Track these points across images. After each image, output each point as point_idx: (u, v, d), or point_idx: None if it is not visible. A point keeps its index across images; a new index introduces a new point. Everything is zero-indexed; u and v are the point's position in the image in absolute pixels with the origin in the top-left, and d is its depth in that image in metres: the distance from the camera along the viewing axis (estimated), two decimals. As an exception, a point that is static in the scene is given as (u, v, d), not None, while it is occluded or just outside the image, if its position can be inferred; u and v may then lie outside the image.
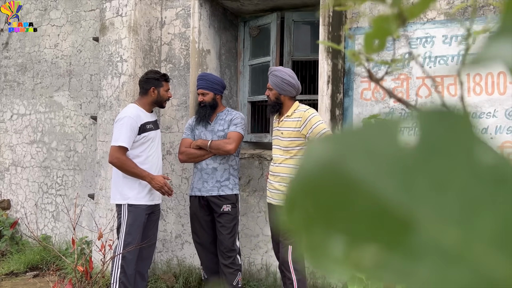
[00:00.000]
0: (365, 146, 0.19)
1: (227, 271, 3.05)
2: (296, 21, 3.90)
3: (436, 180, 0.18)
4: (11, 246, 4.58)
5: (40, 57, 4.82)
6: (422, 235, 0.17)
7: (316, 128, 2.74)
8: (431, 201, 0.17)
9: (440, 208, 0.17)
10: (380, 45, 0.38)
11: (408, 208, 0.17)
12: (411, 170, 0.18)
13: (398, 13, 0.35)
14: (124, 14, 3.74)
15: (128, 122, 2.86)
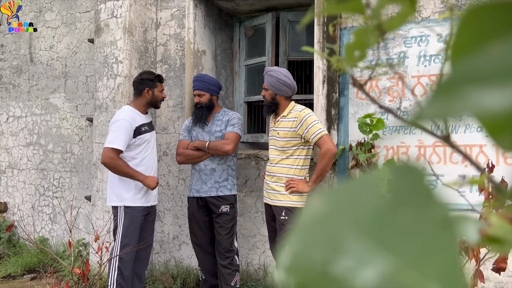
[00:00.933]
0: (348, 201, 0.23)
1: (225, 271, 3.06)
2: (291, 21, 3.90)
3: (401, 229, 0.21)
4: (8, 249, 4.57)
5: (36, 59, 4.80)
6: (388, 279, 0.20)
7: (311, 128, 2.74)
8: (397, 247, 0.20)
9: (403, 253, 0.20)
10: (360, 56, 0.39)
11: (378, 255, 0.21)
12: (383, 220, 0.22)
13: (377, 25, 0.36)
14: (119, 16, 3.73)
15: (123, 125, 2.86)
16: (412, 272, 0.20)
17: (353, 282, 0.20)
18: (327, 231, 0.22)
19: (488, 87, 0.21)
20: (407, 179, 0.23)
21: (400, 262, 0.20)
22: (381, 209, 0.22)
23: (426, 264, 0.20)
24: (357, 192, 0.23)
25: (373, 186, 0.23)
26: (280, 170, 2.85)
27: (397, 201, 0.22)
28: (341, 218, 0.22)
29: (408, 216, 0.21)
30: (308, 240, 0.22)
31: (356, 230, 0.22)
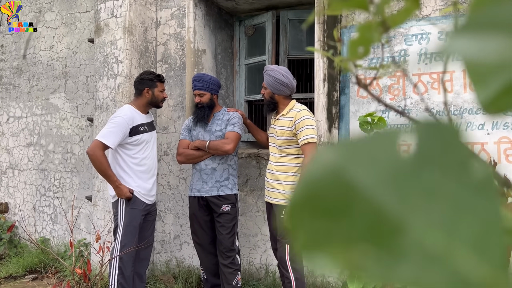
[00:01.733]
0: (365, 155, 0.21)
1: (226, 271, 3.05)
2: (292, 20, 3.89)
3: (427, 189, 0.20)
4: (10, 250, 4.57)
5: (36, 59, 4.80)
6: (409, 238, 0.19)
7: (302, 131, 2.73)
8: (421, 208, 0.19)
9: (428, 214, 0.19)
10: (364, 52, 0.39)
11: (399, 214, 0.19)
12: (406, 179, 0.20)
13: (381, 21, 0.36)
14: (119, 15, 3.72)
15: (119, 122, 2.86)
16: (437, 233, 0.18)
17: (368, 238, 0.19)
18: (339, 183, 0.20)
19: (477, 37, 0.21)
20: (437, 138, 0.21)
21: (424, 222, 0.19)
22: (403, 166, 0.20)
23: (456, 227, 0.18)
24: (373, 146, 0.21)
25: (393, 143, 0.21)
26: (280, 168, 2.84)
27: (423, 159, 0.20)
28: (356, 170, 0.20)
29: (436, 176, 0.20)
30: (316, 190, 0.21)
31: (373, 184, 0.20)
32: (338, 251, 0.20)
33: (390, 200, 0.20)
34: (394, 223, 0.19)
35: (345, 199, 0.20)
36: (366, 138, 0.22)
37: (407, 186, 0.20)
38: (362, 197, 0.20)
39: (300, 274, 2.78)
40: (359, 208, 0.20)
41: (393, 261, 0.19)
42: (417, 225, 0.19)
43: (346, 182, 0.20)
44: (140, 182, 2.98)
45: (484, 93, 0.21)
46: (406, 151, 0.21)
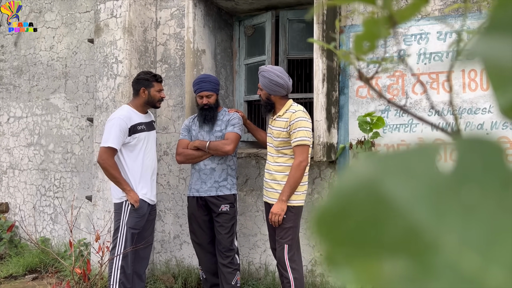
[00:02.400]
0: (403, 168, 0.20)
1: (225, 270, 3.06)
2: (291, 20, 3.90)
3: (465, 207, 0.19)
4: (10, 249, 4.58)
5: (36, 60, 4.81)
6: (443, 257, 0.18)
7: (295, 133, 2.73)
8: (457, 227, 0.19)
9: (464, 234, 0.18)
10: (370, 47, 0.38)
11: (435, 231, 0.19)
12: (444, 195, 0.19)
13: (389, 16, 0.35)
14: (118, 15, 3.73)
15: (117, 123, 2.87)
16: (471, 253, 0.18)
17: (399, 253, 0.19)
18: (373, 195, 0.20)
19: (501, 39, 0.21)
20: (479, 154, 0.20)
21: (459, 240, 0.18)
22: (441, 181, 0.20)
23: (491, 247, 0.18)
24: (411, 159, 0.21)
25: (432, 156, 0.21)
26: (277, 169, 2.84)
27: (463, 175, 0.19)
28: (391, 183, 0.20)
29: (475, 193, 0.19)
30: (349, 201, 0.20)
31: (408, 198, 0.19)
32: (365, 264, 0.19)
33: (425, 216, 0.19)
34: (428, 240, 0.19)
35: (379, 212, 0.20)
36: (404, 151, 0.21)
37: (444, 203, 0.19)
38: (396, 211, 0.20)
39: (299, 274, 2.79)
40: (393, 222, 0.19)
41: (423, 278, 0.18)
42: (452, 244, 0.18)
43: (381, 194, 0.20)
44: (142, 184, 2.99)
45: (504, 98, 0.21)
46: (445, 168, 0.20)
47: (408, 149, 0.21)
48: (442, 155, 0.21)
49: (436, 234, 0.19)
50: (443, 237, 0.19)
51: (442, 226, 0.19)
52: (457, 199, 0.19)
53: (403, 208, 0.19)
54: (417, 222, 0.19)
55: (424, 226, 0.19)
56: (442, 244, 0.18)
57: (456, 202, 0.19)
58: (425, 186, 0.20)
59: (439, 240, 0.19)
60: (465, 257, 0.18)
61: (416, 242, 0.19)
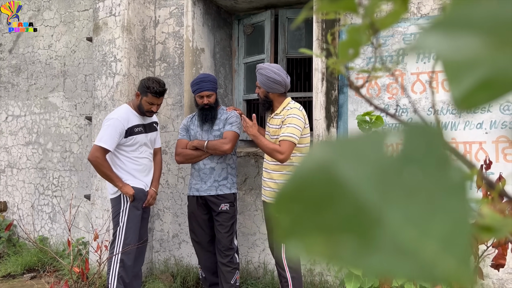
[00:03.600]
0: (354, 152, 0.23)
1: (225, 269, 3.06)
2: (290, 18, 3.89)
3: (407, 187, 0.21)
4: (8, 248, 4.57)
5: (34, 58, 4.80)
6: (385, 231, 0.20)
7: (284, 128, 2.69)
8: (399, 205, 0.21)
9: (405, 211, 0.20)
10: (354, 54, 0.40)
11: (379, 209, 0.21)
12: (388, 176, 0.21)
13: (370, 23, 0.36)
14: (117, 14, 3.72)
15: (114, 124, 2.86)
16: (410, 228, 0.20)
17: (346, 229, 0.21)
18: (326, 176, 0.22)
19: (453, 35, 0.22)
20: (421, 139, 0.22)
21: (400, 217, 0.20)
22: (387, 164, 0.22)
23: (428, 223, 0.20)
24: (363, 144, 0.23)
25: (381, 142, 0.23)
26: (274, 167, 2.83)
27: (406, 158, 0.22)
28: (343, 165, 0.22)
29: (417, 174, 0.21)
30: (304, 182, 0.22)
31: (357, 179, 0.21)
32: (316, 239, 0.21)
33: (372, 196, 0.21)
34: (373, 218, 0.21)
35: (330, 192, 0.22)
36: (356, 137, 0.23)
37: (389, 184, 0.21)
38: (346, 191, 0.21)
39: (297, 273, 2.78)
40: (342, 201, 0.21)
41: (368, 251, 0.20)
42: (394, 220, 0.20)
43: (333, 176, 0.22)
44: (137, 181, 2.99)
45: (458, 89, 0.22)
46: (393, 150, 0.22)
47: (360, 135, 0.23)
48: (391, 141, 0.23)
49: (380, 211, 0.21)
50: (386, 214, 0.20)
51: (386, 205, 0.21)
52: (400, 179, 0.21)
53: (352, 188, 0.21)
54: (364, 201, 0.21)
55: (370, 205, 0.21)
56: (385, 220, 0.20)
57: (399, 182, 0.21)
58: (373, 168, 0.22)
59: (382, 217, 0.20)
60: (405, 231, 0.20)
61: (362, 219, 0.21)
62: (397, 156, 0.22)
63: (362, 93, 0.45)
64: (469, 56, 0.22)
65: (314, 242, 0.21)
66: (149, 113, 3.01)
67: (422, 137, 0.22)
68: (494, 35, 0.22)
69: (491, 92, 0.22)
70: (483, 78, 0.22)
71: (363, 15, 0.36)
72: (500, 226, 0.28)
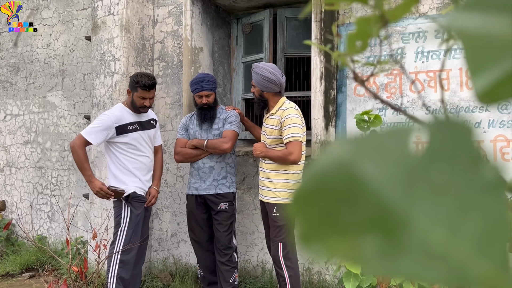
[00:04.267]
0: (376, 150, 0.21)
1: (223, 268, 3.06)
2: (289, 18, 3.89)
3: (435, 186, 0.20)
4: (7, 247, 4.57)
5: (33, 57, 4.79)
6: (412, 233, 0.19)
7: (287, 130, 2.70)
8: (427, 205, 0.20)
9: (433, 211, 0.19)
10: (362, 46, 0.39)
11: (405, 209, 0.20)
12: (414, 175, 0.20)
13: (380, 15, 0.35)
14: (116, 13, 3.72)
15: (104, 121, 2.87)
16: (440, 229, 0.19)
17: (370, 231, 0.20)
18: (348, 176, 0.21)
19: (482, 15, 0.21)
20: (449, 135, 0.21)
21: (428, 218, 0.19)
22: (412, 162, 0.20)
23: (459, 224, 0.19)
24: (385, 142, 0.22)
25: (405, 139, 0.21)
26: (270, 167, 2.83)
27: (433, 156, 0.20)
28: (365, 164, 0.21)
29: (445, 173, 0.20)
30: (324, 182, 0.21)
31: (381, 179, 0.20)
32: (338, 241, 0.20)
33: (397, 196, 0.20)
34: (399, 218, 0.20)
35: (352, 191, 0.21)
36: (377, 134, 0.22)
37: (415, 183, 0.20)
38: (369, 191, 0.20)
39: (295, 272, 2.78)
40: (365, 201, 0.20)
41: (394, 254, 0.19)
42: (422, 221, 0.19)
43: (354, 175, 0.21)
44: (136, 180, 2.99)
45: (482, 81, 0.21)
46: (418, 148, 0.21)
47: (382, 132, 0.22)
48: (415, 138, 0.22)
49: (406, 212, 0.20)
50: (413, 215, 0.19)
51: (412, 205, 0.20)
52: (427, 178, 0.20)
53: (375, 188, 0.20)
54: (389, 201, 0.20)
55: (395, 205, 0.20)
56: (412, 221, 0.19)
57: (426, 181, 0.20)
58: (397, 167, 0.21)
59: (409, 218, 0.19)
60: (434, 233, 0.19)
61: (388, 220, 0.20)
62: (423, 153, 0.21)
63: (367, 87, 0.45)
64: (497, 41, 0.20)
65: (337, 245, 0.20)
66: (143, 108, 2.99)
67: (449, 133, 0.21)
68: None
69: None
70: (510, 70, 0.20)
71: (373, 6, 0.35)
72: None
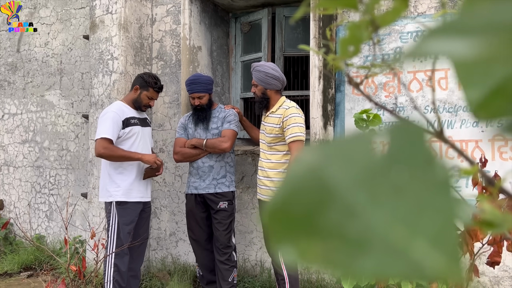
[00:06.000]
0: (342, 155, 0.23)
1: (223, 267, 3.06)
2: (287, 17, 3.89)
3: (395, 187, 0.21)
4: (5, 247, 4.56)
5: (31, 56, 4.78)
6: (374, 233, 0.20)
7: (289, 129, 2.71)
8: (388, 205, 0.21)
9: (394, 211, 0.21)
10: (355, 51, 0.40)
11: (368, 210, 0.21)
12: (376, 177, 0.22)
13: (371, 20, 0.36)
14: (114, 12, 3.71)
15: (111, 116, 2.87)
16: (399, 228, 0.20)
17: (338, 234, 0.21)
18: (317, 182, 0.22)
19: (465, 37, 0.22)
20: (406, 138, 0.22)
21: (389, 218, 0.20)
22: (375, 165, 0.22)
23: (417, 222, 0.20)
24: (350, 146, 0.23)
25: (368, 143, 0.23)
26: (269, 165, 2.84)
27: (393, 158, 0.22)
28: (332, 169, 0.22)
29: (403, 174, 0.21)
30: (296, 189, 0.22)
31: (346, 183, 0.22)
32: (309, 245, 0.21)
33: (360, 198, 0.21)
34: (362, 220, 0.21)
35: (320, 196, 0.22)
36: (343, 140, 0.24)
37: (376, 185, 0.21)
38: (335, 195, 0.21)
39: (294, 271, 2.79)
40: (332, 205, 0.21)
41: (358, 254, 0.20)
42: (382, 221, 0.20)
43: (323, 180, 0.22)
44: (136, 180, 2.98)
45: (474, 94, 0.22)
46: (381, 151, 0.22)
47: (347, 137, 0.24)
48: (378, 142, 0.23)
49: (369, 213, 0.21)
50: (375, 216, 0.21)
51: (374, 205, 0.21)
52: (387, 180, 0.21)
53: (342, 191, 0.22)
54: (353, 204, 0.21)
55: (359, 207, 0.21)
56: (375, 222, 0.20)
57: (386, 182, 0.21)
58: (361, 170, 0.22)
59: (371, 219, 0.21)
60: (394, 231, 0.20)
61: (353, 222, 0.21)
62: (383, 156, 0.22)
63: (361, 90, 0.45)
64: (484, 57, 0.22)
65: (307, 248, 0.21)
66: (145, 107, 3.06)
67: (406, 136, 0.22)
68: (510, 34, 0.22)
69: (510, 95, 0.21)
70: (501, 80, 0.21)
71: (363, 12, 0.36)
72: (500, 222, 0.28)
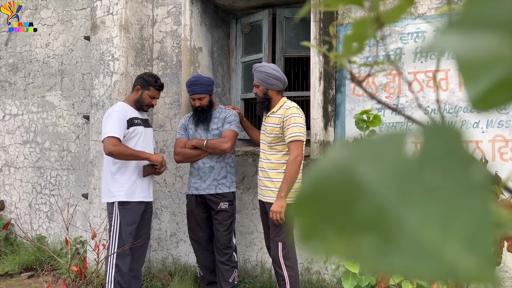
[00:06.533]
0: (373, 153, 0.23)
1: (223, 268, 3.06)
2: (288, 18, 3.90)
3: (427, 188, 0.21)
4: (6, 247, 4.57)
5: (32, 57, 4.79)
6: (405, 232, 0.20)
7: (289, 129, 2.71)
8: (420, 205, 0.21)
9: (426, 212, 0.21)
10: (359, 48, 0.40)
11: (399, 209, 0.21)
12: (408, 177, 0.22)
13: (376, 17, 0.36)
14: (115, 13, 3.72)
15: (116, 116, 2.88)
16: (431, 228, 0.20)
17: (367, 230, 0.21)
18: (347, 178, 0.22)
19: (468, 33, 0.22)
20: (441, 139, 0.22)
21: (421, 218, 0.20)
22: (407, 165, 0.22)
23: (450, 224, 0.20)
24: (382, 145, 0.23)
25: (400, 142, 0.23)
26: (270, 166, 2.84)
27: (426, 159, 0.22)
28: (363, 167, 0.22)
29: (436, 175, 0.21)
30: (325, 184, 0.22)
31: (378, 181, 0.22)
32: (336, 240, 0.21)
33: (392, 197, 0.21)
34: (393, 218, 0.21)
35: (350, 193, 0.22)
36: (374, 138, 0.23)
37: (409, 185, 0.21)
38: (366, 192, 0.22)
39: (294, 271, 2.79)
40: (363, 202, 0.21)
41: (389, 252, 0.20)
42: (415, 220, 0.20)
43: (352, 177, 0.22)
44: (138, 180, 2.99)
45: (475, 89, 0.22)
46: (413, 151, 0.22)
47: (378, 136, 0.23)
48: (410, 142, 0.23)
49: (400, 212, 0.21)
50: (406, 215, 0.21)
51: (406, 205, 0.21)
52: (420, 180, 0.21)
53: (372, 189, 0.21)
54: (384, 202, 0.21)
55: (390, 205, 0.21)
56: (406, 221, 0.21)
57: (419, 183, 0.21)
58: (392, 169, 0.22)
59: (403, 218, 0.21)
60: (426, 232, 0.20)
61: (383, 220, 0.21)
62: (416, 156, 0.22)
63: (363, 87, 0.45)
64: (486, 55, 0.22)
65: (335, 244, 0.21)
66: (147, 107, 3.09)
67: (441, 137, 0.22)
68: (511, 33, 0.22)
69: (510, 91, 0.22)
70: (501, 77, 0.21)
71: (368, 9, 0.36)
72: (506, 222, 0.28)
